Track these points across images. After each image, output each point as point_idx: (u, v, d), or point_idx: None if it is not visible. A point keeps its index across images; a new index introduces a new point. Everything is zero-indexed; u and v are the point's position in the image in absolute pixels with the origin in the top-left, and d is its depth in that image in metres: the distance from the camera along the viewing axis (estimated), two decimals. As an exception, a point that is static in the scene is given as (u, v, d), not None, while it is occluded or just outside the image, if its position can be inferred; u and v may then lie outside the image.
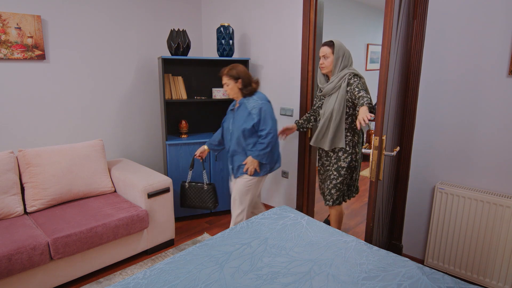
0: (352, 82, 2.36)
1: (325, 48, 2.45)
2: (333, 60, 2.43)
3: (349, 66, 2.47)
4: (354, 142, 2.52)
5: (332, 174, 2.55)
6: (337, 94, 2.42)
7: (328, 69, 2.47)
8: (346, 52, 2.45)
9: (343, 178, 2.53)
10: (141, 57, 3.40)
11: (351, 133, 2.50)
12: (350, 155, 2.50)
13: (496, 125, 2.08)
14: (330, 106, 2.45)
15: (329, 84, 2.46)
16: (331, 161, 2.59)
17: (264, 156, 2.43)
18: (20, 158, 2.47)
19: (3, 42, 2.54)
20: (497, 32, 2.00)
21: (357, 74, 2.41)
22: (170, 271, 1.54)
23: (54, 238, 2.08)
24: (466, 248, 2.20)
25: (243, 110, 2.45)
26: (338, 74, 2.43)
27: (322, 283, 1.46)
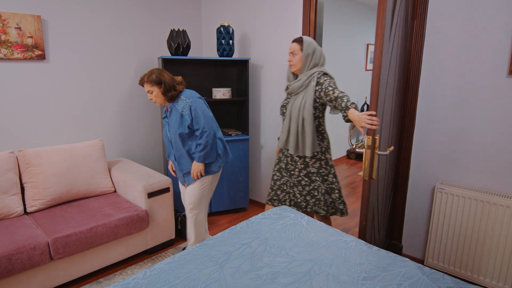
0: (322, 81, 2.17)
1: (293, 44, 2.26)
2: (301, 58, 2.24)
3: (320, 66, 2.28)
4: (323, 148, 2.31)
5: (303, 180, 2.35)
6: (304, 94, 2.23)
7: (296, 67, 2.28)
8: (317, 50, 2.26)
9: (317, 185, 2.33)
10: (141, 57, 3.40)
11: (319, 138, 2.30)
12: (318, 160, 2.30)
13: (496, 125, 2.08)
14: (296, 106, 2.25)
15: (296, 82, 2.27)
16: (296, 165, 2.35)
17: (206, 157, 2.28)
18: (20, 158, 2.47)
19: (3, 42, 2.54)
20: (497, 32, 2.00)
21: (327, 73, 2.24)
22: (170, 271, 1.54)
23: (54, 238, 2.08)
24: (466, 248, 2.20)
25: (175, 114, 2.31)
26: (306, 73, 2.24)
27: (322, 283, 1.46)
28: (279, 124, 3.29)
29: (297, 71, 2.30)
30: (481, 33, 2.06)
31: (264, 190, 3.57)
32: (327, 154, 2.33)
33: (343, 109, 2.00)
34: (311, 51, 2.23)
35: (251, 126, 3.58)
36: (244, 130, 3.45)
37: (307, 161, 2.31)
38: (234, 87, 3.56)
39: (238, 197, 3.42)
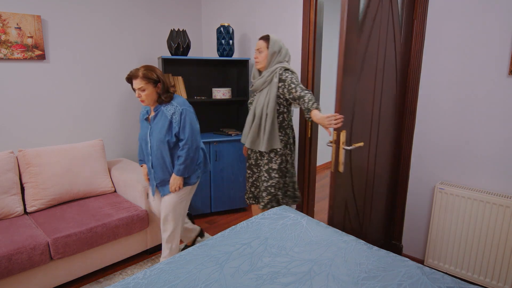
0: (284, 78, 2.21)
1: (260, 41, 2.31)
2: (267, 55, 2.28)
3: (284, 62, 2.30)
4: (285, 143, 2.35)
5: (263, 176, 2.39)
6: (268, 90, 2.26)
7: (262, 64, 2.32)
8: (283, 48, 2.30)
9: (275, 182, 2.35)
10: (141, 57, 3.39)
11: (282, 133, 2.34)
12: (280, 156, 2.35)
13: (496, 125, 2.08)
14: (260, 103, 2.29)
15: (259, 79, 2.31)
16: (263, 161, 2.41)
17: (186, 170, 2.16)
18: (20, 158, 2.46)
19: (3, 42, 2.54)
20: (497, 31, 2.00)
21: (289, 68, 2.27)
22: (170, 271, 1.54)
23: (54, 238, 2.08)
24: (467, 248, 2.20)
25: (162, 120, 2.12)
26: (269, 69, 2.29)
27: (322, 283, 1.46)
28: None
29: (262, 68, 2.35)
30: (481, 33, 2.06)
31: (264, 190, 3.57)
32: (287, 150, 2.38)
33: (306, 110, 2.06)
34: (277, 49, 2.28)
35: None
36: (244, 130, 3.45)
37: (271, 156, 2.35)
38: (234, 87, 3.56)
39: (238, 197, 3.42)
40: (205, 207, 3.31)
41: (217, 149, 3.21)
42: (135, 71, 2.05)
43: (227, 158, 3.28)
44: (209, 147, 3.18)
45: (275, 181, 2.36)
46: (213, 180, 3.27)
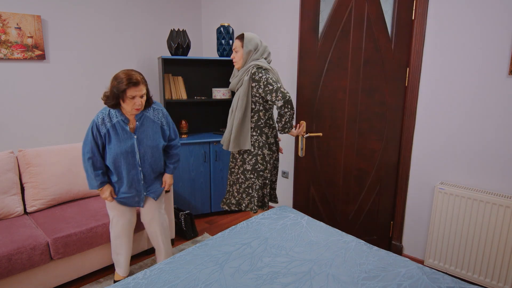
0: (258, 78, 2.12)
1: (236, 41, 2.25)
2: (243, 54, 2.22)
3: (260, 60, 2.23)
4: (260, 143, 2.26)
5: (240, 178, 2.36)
6: (242, 89, 2.20)
7: (239, 63, 2.26)
8: (260, 46, 2.23)
9: (251, 183, 2.31)
10: (141, 57, 3.40)
11: (257, 132, 2.25)
12: (254, 156, 2.26)
13: (496, 125, 2.08)
14: (234, 103, 2.25)
15: (234, 79, 2.28)
16: (236, 163, 2.38)
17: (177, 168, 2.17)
18: (20, 158, 2.46)
19: (3, 42, 2.54)
20: (497, 31, 2.00)
21: (261, 66, 2.18)
22: (170, 271, 1.54)
23: (54, 238, 2.08)
24: (468, 248, 2.20)
25: (151, 126, 2.04)
26: (243, 68, 2.23)
27: (322, 283, 1.46)
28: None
29: (239, 67, 2.29)
30: (481, 33, 2.06)
31: (264, 190, 3.58)
32: (264, 149, 2.27)
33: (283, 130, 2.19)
34: (252, 48, 2.21)
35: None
36: (244, 130, 3.45)
37: (245, 157, 2.30)
38: (234, 87, 3.56)
39: (238, 197, 3.42)
40: (205, 207, 3.31)
41: (217, 149, 3.21)
42: (137, 76, 1.88)
43: (227, 158, 3.28)
44: (209, 147, 3.18)
45: (252, 181, 2.30)
46: (213, 180, 3.27)
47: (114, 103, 1.90)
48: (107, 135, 1.95)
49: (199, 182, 3.22)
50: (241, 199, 2.39)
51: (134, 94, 1.86)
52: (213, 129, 3.65)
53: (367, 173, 2.57)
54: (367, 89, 2.44)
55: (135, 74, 1.88)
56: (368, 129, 2.50)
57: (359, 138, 2.52)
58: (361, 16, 2.33)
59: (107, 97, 1.91)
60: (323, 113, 2.48)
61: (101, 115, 1.96)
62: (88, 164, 1.98)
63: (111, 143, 1.97)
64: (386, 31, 2.34)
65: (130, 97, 1.87)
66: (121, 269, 2.25)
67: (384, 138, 2.51)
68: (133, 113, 1.94)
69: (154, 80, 3.53)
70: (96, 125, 1.94)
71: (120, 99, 1.88)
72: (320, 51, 2.41)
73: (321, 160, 2.56)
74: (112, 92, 1.87)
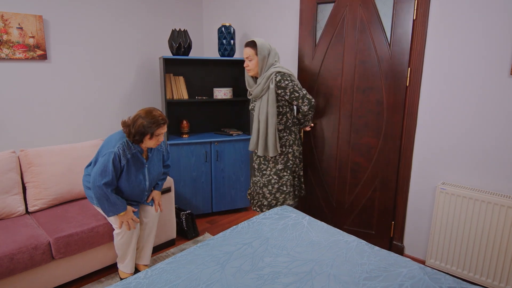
0: (284, 85, 2.29)
1: (247, 49, 2.34)
2: (258, 62, 2.32)
3: (275, 64, 2.36)
4: (290, 141, 2.45)
5: (273, 179, 2.48)
6: (267, 97, 2.32)
7: (254, 71, 2.37)
8: (271, 50, 2.34)
9: (286, 180, 2.47)
10: (143, 57, 3.40)
11: (287, 132, 2.44)
12: (286, 155, 2.45)
13: (498, 124, 2.08)
14: (263, 110, 2.35)
15: (257, 87, 2.36)
16: (268, 165, 2.49)
17: None
18: (22, 158, 2.47)
19: (5, 42, 2.55)
20: (499, 31, 2.00)
21: (284, 73, 2.32)
22: (172, 271, 1.54)
23: (55, 238, 2.08)
24: (469, 249, 2.19)
25: (156, 154, 2.27)
26: (264, 75, 2.33)
27: (323, 283, 1.46)
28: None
29: (255, 75, 2.41)
30: (482, 33, 2.06)
31: (265, 190, 3.58)
32: (294, 146, 2.48)
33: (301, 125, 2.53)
34: (266, 53, 2.31)
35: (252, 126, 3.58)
36: (245, 130, 3.45)
37: (277, 158, 2.47)
38: (235, 87, 3.56)
39: (239, 197, 3.42)
40: (206, 207, 3.31)
41: (218, 149, 3.21)
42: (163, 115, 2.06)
43: (228, 158, 3.28)
44: (210, 146, 3.19)
45: (285, 179, 2.47)
46: (214, 180, 3.27)
47: (139, 140, 2.04)
48: (125, 165, 2.07)
49: (200, 182, 3.22)
50: (274, 199, 2.52)
51: (161, 133, 2.05)
52: (214, 129, 3.65)
53: (364, 167, 2.68)
54: (362, 88, 2.57)
55: (161, 113, 2.07)
56: (363, 126, 2.62)
57: (354, 134, 2.68)
58: (355, 20, 2.51)
59: (134, 134, 2.01)
60: (318, 108, 2.79)
61: (121, 146, 2.05)
62: (107, 192, 2.03)
63: (129, 172, 2.10)
64: (382, 32, 2.44)
65: (156, 135, 2.04)
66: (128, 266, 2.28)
67: (382, 135, 2.56)
68: (150, 146, 2.11)
69: (155, 80, 3.53)
70: (118, 156, 2.03)
71: (146, 136, 2.03)
72: (316, 53, 2.72)
73: (317, 149, 2.87)
74: (141, 129, 1.99)
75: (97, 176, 2.01)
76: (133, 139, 2.03)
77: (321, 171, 2.88)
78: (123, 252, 2.23)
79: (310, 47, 2.74)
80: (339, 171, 2.79)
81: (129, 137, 2.04)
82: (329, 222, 2.93)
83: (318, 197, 2.94)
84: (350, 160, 2.72)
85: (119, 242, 2.19)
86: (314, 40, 2.71)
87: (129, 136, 2.04)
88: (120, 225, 2.12)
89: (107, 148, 2.06)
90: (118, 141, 2.06)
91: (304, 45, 2.76)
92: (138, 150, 2.13)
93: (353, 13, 2.50)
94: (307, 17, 2.71)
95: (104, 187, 2.00)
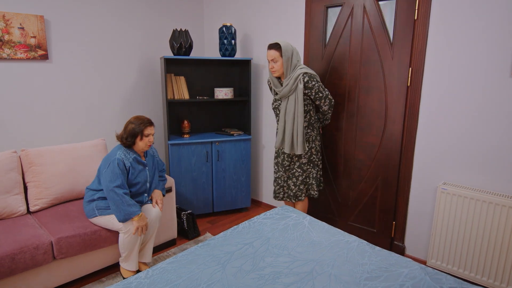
0: (311, 86, 2.40)
1: (272, 52, 2.41)
2: (283, 63, 2.40)
3: (299, 64, 2.46)
4: (313, 136, 2.58)
5: (297, 172, 2.61)
6: (295, 96, 2.40)
7: (279, 72, 2.45)
8: (294, 50, 2.43)
9: (309, 173, 2.63)
10: (144, 57, 3.40)
11: (311, 129, 2.56)
12: (309, 149, 2.58)
13: (499, 124, 2.07)
14: (290, 109, 2.43)
15: (284, 88, 2.43)
16: (292, 160, 2.62)
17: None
18: (23, 157, 2.47)
19: (6, 42, 2.55)
20: (500, 32, 1.99)
21: (311, 74, 2.41)
22: (172, 271, 1.54)
23: (58, 238, 2.08)
24: (470, 249, 2.19)
25: (150, 158, 2.42)
26: (291, 75, 2.41)
27: (324, 283, 1.46)
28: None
29: (280, 76, 2.50)
30: (484, 33, 2.05)
31: (266, 189, 3.57)
32: (316, 141, 2.61)
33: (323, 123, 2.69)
34: (290, 54, 2.40)
35: (253, 126, 3.58)
36: (246, 130, 3.46)
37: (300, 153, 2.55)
38: (236, 87, 3.56)
39: (240, 197, 3.42)
40: (207, 207, 3.31)
41: (219, 149, 3.22)
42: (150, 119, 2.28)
43: (229, 158, 3.28)
44: (211, 146, 3.19)
45: (309, 171, 2.62)
46: (215, 180, 3.27)
47: (131, 142, 2.23)
48: (130, 167, 2.25)
49: (201, 182, 3.22)
50: (299, 190, 2.63)
51: (149, 133, 2.25)
52: (215, 129, 3.65)
53: (367, 165, 2.74)
54: (365, 88, 2.63)
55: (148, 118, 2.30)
56: (367, 124, 2.68)
57: (357, 132, 2.74)
58: (360, 21, 2.58)
59: (126, 137, 2.23)
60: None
61: (121, 153, 2.22)
62: (121, 194, 2.14)
63: (134, 174, 2.27)
64: (385, 33, 2.47)
65: (146, 135, 2.24)
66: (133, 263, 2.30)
67: (383, 134, 2.59)
68: (145, 149, 2.30)
69: (156, 80, 3.53)
70: (122, 161, 2.20)
71: (137, 137, 2.23)
72: (325, 56, 2.83)
73: (325, 145, 2.96)
74: (131, 131, 2.22)
75: (108, 182, 2.15)
76: (127, 142, 2.23)
77: (328, 167, 2.98)
78: (129, 251, 2.25)
79: (319, 48, 2.83)
80: (344, 166, 2.88)
81: (123, 142, 2.24)
82: (335, 217, 3.01)
83: (325, 192, 3.04)
84: (354, 157, 2.80)
85: (125, 241, 2.20)
86: (324, 41, 2.81)
87: (122, 141, 2.24)
88: (135, 231, 2.18)
89: (108, 160, 2.22)
90: (117, 151, 2.23)
91: (313, 46, 2.87)
92: (136, 155, 2.29)
93: (359, 15, 2.56)
94: (317, 19, 2.81)
95: (116, 190, 2.13)
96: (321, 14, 2.79)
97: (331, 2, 2.70)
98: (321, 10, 2.78)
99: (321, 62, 2.86)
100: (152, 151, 2.47)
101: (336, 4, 2.68)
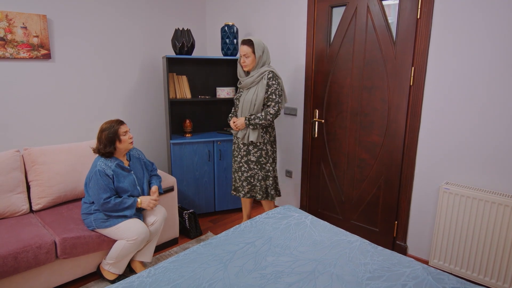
0: (271, 84, 2.51)
1: (245, 47, 2.53)
2: (254, 59, 2.54)
3: (268, 61, 2.60)
4: (265, 140, 2.63)
5: (243, 166, 2.69)
6: (256, 88, 2.54)
7: (249, 67, 2.58)
8: (265, 48, 2.57)
9: (253, 172, 2.66)
10: (146, 56, 3.41)
11: (263, 130, 2.62)
12: (260, 150, 2.63)
13: (502, 124, 2.06)
14: (248, 98, 2.56)
15: (248, 78, 2.58)
16: (240, 152, 2.69)
17: None
18: (25, 156, 2.48)
19: (9, 42, 2.56)
20: (504, 30, 1.98)
21: (275, 74, 2.55)
22: (175, 270, 1.55)
23: (62, 238, 2.07)
24: (473, 249, 2.18)
25: (137, 162, 2.36)
26: (258, 70, 2.56)
27: (326, 282, 1.46)
28: (281, 123, 3.29)
29: (249, 69, 2.62)
30: (487, 32, 2.04)
31: (268, 189, 3.57)
32: (268, 146, 2.66)
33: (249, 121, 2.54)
34: (261, 52, 2.54)
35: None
36: (248, 129, 3.45)
37: (250, 149, 2.64)
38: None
39: (242, 196, 3.42)
40: (209, 206, 3.32)
41: (221, 148, 3.22)
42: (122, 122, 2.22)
43: (231, 157, 3.28)
44: (213, 146, 3.19)
45: (254, 172, 2.66)
46: (217, 179, 3.27)
47: (111, 149, 2.16)
48: (114, 175, 2.18)
49: (203, 181, 3.23)
50: (241, 186, 2.73)
51: (125, 130, 2.19)
52: (217, 128, 3.65)
53: (369, 164, 2.74)
54: (368, 87, 2.63)
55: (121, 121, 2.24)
56: (369, 124, 2.68)
57: (360, 131, 2.75)
58: (364, 21, 2.58)
59: (103, 147, 2.15)
60: (331, 105, 2.91)
61: (101, 163, 2.15)
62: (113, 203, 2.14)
63: (120, 181, 2.20)
64: (388, 33, 2.47)
65: (123, 134, 2.18)
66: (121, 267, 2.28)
67: (386, 134, 2.59)
68: (128, 147, 2.25)
69: (158, 79, 3.54)
70: (102, 170, 2.13)
71: (116, 141, 2.16)
72: (329, 55, 2.84)
73: (329, 144, 2.98)
74: (107, 138, 2.14)
75: (97, 196, 2.13)
76: (106, 151, 2.15)
77: (332, 165, 2.99)
78: (122, 258, 2.22)
79: (324, 47, 2.85)
80: (347, 165, 2.88)
81: (102, 153, 2.17)
82: (339, 215, 3.02)
83: (329, 191, 3.05)
84: (357, 156, 2.80)
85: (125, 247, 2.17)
86: (328, 41, 2.82)
87: (101, 152, 2.17)
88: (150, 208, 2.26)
89: (90, 174, 2.18)
90: (97, 162, 2.18)
91: (318, 45, 2.88)
92: (117, 162, 2.22)
93: (362, 15, 2.57)
94: (321, 19, 2.82)
95: (107, 201, 2.13)
96: (326, 13, 2.79)
97: (335, 1, 2.70)
98: (326, 10, 2.79)
99: (325, 61, 2.85)
100: (137, 153, 2.41)
101: (340, 4, 2.68)
